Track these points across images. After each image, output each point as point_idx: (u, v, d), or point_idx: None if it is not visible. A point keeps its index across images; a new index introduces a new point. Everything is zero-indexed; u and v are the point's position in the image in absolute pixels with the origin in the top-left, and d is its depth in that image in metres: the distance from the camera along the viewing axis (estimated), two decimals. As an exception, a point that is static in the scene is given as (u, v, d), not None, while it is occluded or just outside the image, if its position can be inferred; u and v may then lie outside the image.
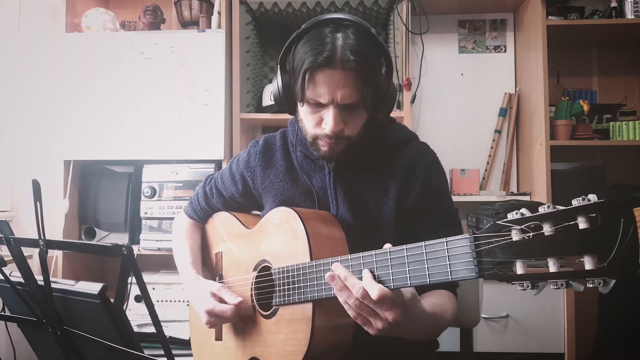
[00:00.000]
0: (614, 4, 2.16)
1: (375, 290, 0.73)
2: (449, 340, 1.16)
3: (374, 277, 0.76)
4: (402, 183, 1.02)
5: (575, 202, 0.57)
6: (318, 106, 0.94)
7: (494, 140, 2.41)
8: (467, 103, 2.46)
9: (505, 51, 2.45)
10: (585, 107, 2.21)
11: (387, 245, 0.77)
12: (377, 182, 1.03)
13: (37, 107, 2.04)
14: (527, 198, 2.21)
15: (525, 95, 2.33)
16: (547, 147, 2.08)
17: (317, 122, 0.95)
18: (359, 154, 1.03)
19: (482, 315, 1.90)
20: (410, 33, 2.15)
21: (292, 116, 1.11)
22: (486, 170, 2.40)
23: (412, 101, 2.30)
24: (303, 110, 0.97)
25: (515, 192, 2.38)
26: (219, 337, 1.13)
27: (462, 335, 1.32)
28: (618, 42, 2.35)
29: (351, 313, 0.78)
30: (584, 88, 2.40)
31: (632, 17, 2.11)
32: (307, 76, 0.91)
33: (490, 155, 2.41)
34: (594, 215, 0.56)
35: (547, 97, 2.09)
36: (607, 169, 2.26)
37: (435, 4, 2.31)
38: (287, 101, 1.00)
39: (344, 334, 0.91)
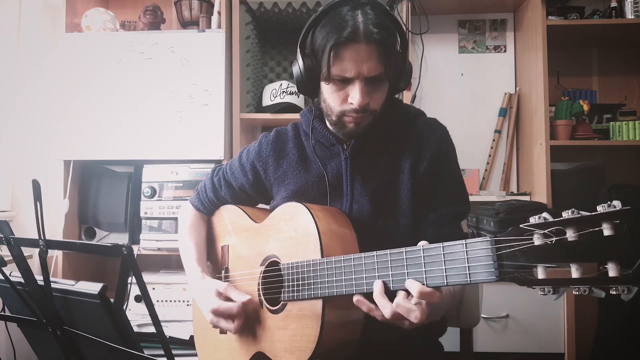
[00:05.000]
0: (614, 4, 2.16)
1: (436, 294, 0.73)
2: (449, 341, 1.16)
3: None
4: (414, 156, 1.04)
5: (600, 209, 0.57)
6: (343, 82, 0.96)
7: (494, 140, 2.41)
8: (467, 103, 2.46)
9: (505, 51, 2.45)
10: (585, 107, 2.21)
11: (422, 243, 0.77)
12: (391, 163, 1.05)
13: (37, 107, 2.04)
14: (527, 198, 2.21)
15: (525, 95, 2.33)
16: (547, 147, 2.08)
17: (343, 99, 0.97)
18: (372, 137, 1.05)
19: (482, 315, 1.90)
20: (410, 33, 2.15)
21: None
22: (486, 170, 2.40)
23: (412, 101, 2.30)
24: (328, 89, 0.99)
25: (515, 192, 2.38)
26: (223, 331, 1.13)
27: (462, 335, 1.32)
28: (618, 42, 2.35)
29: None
30: (584, 88, 2.40)
31: (632, 17, 2.11)
32: (332, 53, 0.93)
33: (490, 155, 2.41)
34: (619, 222, 0.55)
35: (547, 97, 2.09)
36: (607, 169, 2.26)
37: (435, 4, 2.31)
38: (309, 83, 1.01)
39: (352, 331, 0.91)
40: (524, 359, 1.93)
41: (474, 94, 2.46)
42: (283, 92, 2.08)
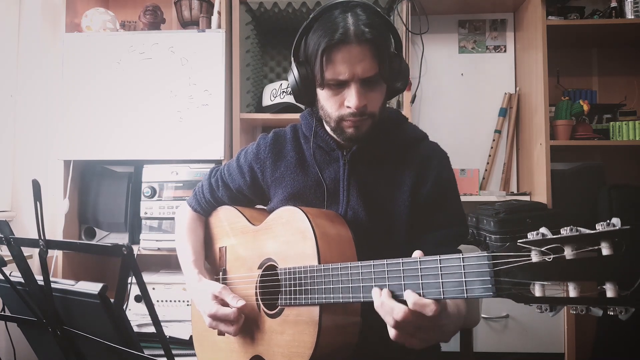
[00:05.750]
0: (614, 4, 2.16)
1: (430, 306, 0.70)
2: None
3: (420, 295, 0.72)
4: (416, 176, 1.03)
5: (599, 227, 0.56)
6: (339, 87, 0.95)
7: (494, 140, 2.41)
8: (467, 103, 2.46)
9: (505, 51, 2.45)
10: (585, 107, 2.21)
11: (417, 253, 0.75)
12: (391, 176, 1.04)
13: (37, 107, 2.04)
14: (527, 198, 2.21)
15: (525, 95, 2.33)
16: (547, 147, 2.08)
17: (340, 104, 0.96)
18: (374, 148, 1.04)
19: (482, 315, 1.90)
20: (410, 33, 2.15)
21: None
22: (486, 170, 2.41)
23: (412, 101, 2.30)
24: (324, 95, 0.98)
25: (515, 192, 2.38)
26: (221, 332, 1.13)
27: (462, 335, 1.32)
28: (618, 42, 2.35)
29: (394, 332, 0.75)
30: (584, 88, 2.40)
31: (632, 17, 2.11)
32: (325, 57, 0.92)
33: (490, 155, 2.41)
34: (618, 240, 0.55)
35: (547, 97, 2.09)
36: (607, 169, 2.26)
37: (435, 4, 2.32)
38: (305, 91, 1.00)
39: (349, 334, 0.91)
40: (524, 359, 1.93)
41: (474, 94, 2.46)
42: (283, 92, 2.08)
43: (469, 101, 2.46)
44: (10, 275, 0.85)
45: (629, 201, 2.03)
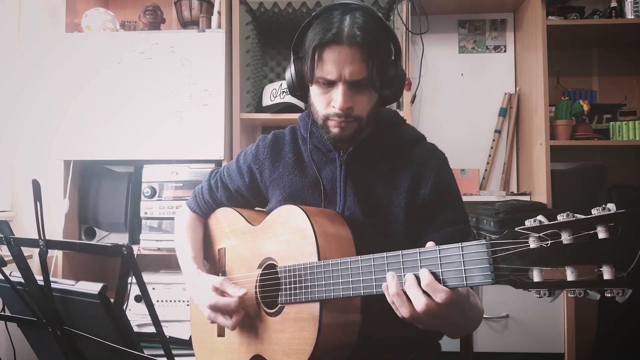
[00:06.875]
0: (614, 4, 2.16)
1: (441, 293, 0.69)
2: (449, 340, 1.16)
3: (438, 280, 0.71)
4: (413, 178, 1.03)
5: (594, 212, 0.57)
6: (328, 85, 0.96)
7: (494, 140, 2.41)
8: (467, 103, 2.46)
9: (505, 51, 2.45)
10: (585, 107, 2.21)
11: (430, 244, 0.75)
12: (388, 177, 1.04)
13: (37, 107, 2.04)
14: (527, 198, 2.21)
15: (525, 95, 2.33)
16: (547, 147, 2.08)
17: (327, 103, 0.97)
18: (371, 149, 1.05)
19: (482, 315, 1.90)
20: (410, 33, 2.15)
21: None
22: (486, 170, 2.41)
23: (412, 101, 2.30)
24: (314, 92, 0.99)
25: (515, 192, 2.38)
26: (221, 334, 1.13)
27: (462, 335, 1.32)
28: (618, 42, 2.35)
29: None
30: (584, 88, 2.40)
31: (632, 17, 2.11)
32: (315, 54, 0.94)
33: (490, 155, 2.41)
34: (614, 224, 0.56)
35: (547, 97, 2.09)
36: (607, 169, 2.26)
37: (435, 4, 2.31)
38: (299, 86, 1.02)
39: (350, 332, 0.91)
40: (524, 359, 1.93)
41: (474, 94, 2.46)
42: (283, 92, 2.08)
43: (469, 101, 2.46)
44: (10, 275, 0.85)
45: (629, 201, 2.03)
